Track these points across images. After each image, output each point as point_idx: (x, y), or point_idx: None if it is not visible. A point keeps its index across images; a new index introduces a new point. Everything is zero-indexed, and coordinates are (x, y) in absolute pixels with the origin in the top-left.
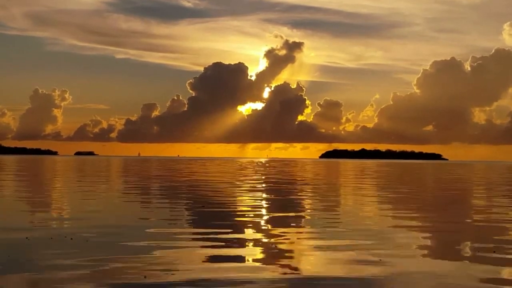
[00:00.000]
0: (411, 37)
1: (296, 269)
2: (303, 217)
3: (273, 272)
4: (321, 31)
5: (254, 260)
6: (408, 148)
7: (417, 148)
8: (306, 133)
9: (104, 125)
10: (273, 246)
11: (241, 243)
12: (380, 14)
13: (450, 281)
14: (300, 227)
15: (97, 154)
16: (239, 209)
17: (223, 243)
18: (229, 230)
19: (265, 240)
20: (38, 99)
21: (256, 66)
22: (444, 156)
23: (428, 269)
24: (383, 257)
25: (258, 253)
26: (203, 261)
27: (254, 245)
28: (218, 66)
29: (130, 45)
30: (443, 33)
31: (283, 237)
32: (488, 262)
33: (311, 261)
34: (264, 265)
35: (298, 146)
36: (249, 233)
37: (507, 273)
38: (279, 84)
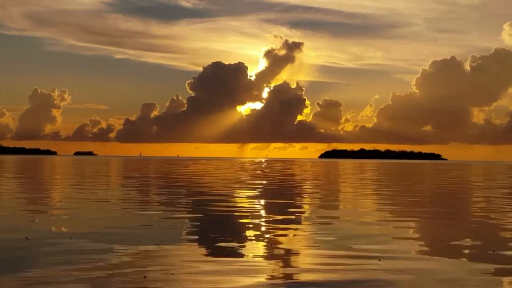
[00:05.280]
0: (410, 37)
1: (295, 269)
2: (302, 216)
3: (272, 272)
4: (320, 31)
5: (253, 259)
6: (407, 148)
7: (416, 148)
8: (305, 133)
9: (103, 125)
10: (273, 246)
11: (240, 243)
12: (379, 14)
13: (449, 280)
14: (299, 226)
15: (96, 154)
16: (238, 208)
17: (222, 243)
18: (228, 230)
19: (264, 239)
20: (37, 99)
21: (255, 66)
22: (443, 156)
23: (427, 269)
24: (382, 257)
25: (257, 252)
26: (203, 261)
27: (254, 245)
28: (217, 66)
29: (129, 45)
30: (442, 33)
31: (282, 237)
32: (487, 261)
33: (310, 260)
34: (263, 265)
35: (297, 146)
36: (248, 232)
37: (506, 272)
38: (278, 84)
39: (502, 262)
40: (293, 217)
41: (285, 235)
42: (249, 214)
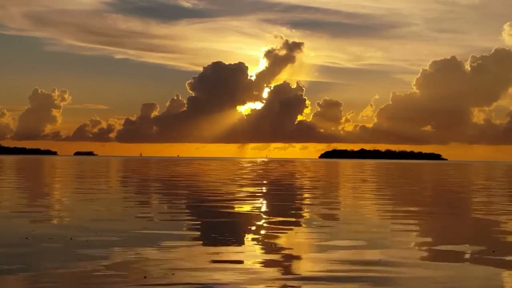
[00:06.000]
0: (410, 37)
1: (295, 269)
2: (302, 217)
3: (272, 272)
4: (320, 31)
5: (253, 259)
6: (407, 148)
7: (416, 148)
8: (306, 133)
9: (104, 125)
10: (273, 246)
11: (240, 243)
12: (379, 14)
13: (449, 281)
14: (299, 227)
15: (97, 154)
16: (237, 208)
17: (222, 243)
18: (228, 230)
19: (264, 239)
20: (37, 99)
21: (255, 66)
22: (443, 156)
23: (427, 269)
24: (383, 258)
25: (257, 252)
26: (203, 261)
27: (253, 245)
28: (217, 66)
29: (129, 45)
30: (442, 33)
31: (282, 237)
32: (487, 262)
33: (310, 261)
34: (263, 265)
35: (298, 146)
36: (248, 232)
37: (506, 274)
38: (278, 84)
39: (502, 262)
40: (293, 218)
41: (285, 236)
42: (249, 214)
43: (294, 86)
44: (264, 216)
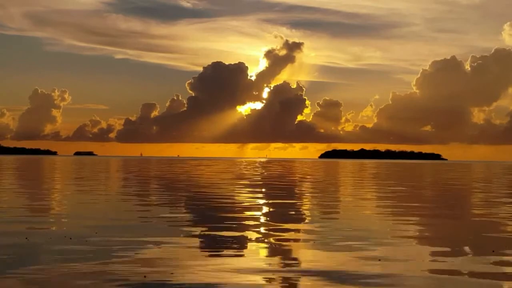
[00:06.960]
0: (410, 37)
1: (294, 269)
2: (303, 216)
3: (273, 272)
4: (320, 31)
5: (254, 259)
6: (407, 148)
7: (416, 148)
8: (306, 133)
9: (103, 125)
10: (273, 245)
11: (241, 243)
12: (379, 14)
13: (449, 281)
14: (300, 226)
15: (96, 154)
16: (238, 208)
17: (222, 243)
18: (229, 230)
19: (264, 239)
20: (37, 99)
21: (255, 66)
22: (443, 156)
23: (427, 269)
24: (383, 258)
25: (258, 252)
26: (203, 261)
27: (254, 245)
28: (217, 66)
29: (129, 45)
30: (442, 33)
31: (283, 237)
32: (487, 262)
33: (310, 261)
34: (264, 265)
35: (297, 146)
36: (248, 232)
37: (505, 273)
38: (278, 84)
39: (502, 262)
40: (293, 217)
41: (285, 235)
42: (249, 214)
43: (294, 86)
44: (265, 216)
